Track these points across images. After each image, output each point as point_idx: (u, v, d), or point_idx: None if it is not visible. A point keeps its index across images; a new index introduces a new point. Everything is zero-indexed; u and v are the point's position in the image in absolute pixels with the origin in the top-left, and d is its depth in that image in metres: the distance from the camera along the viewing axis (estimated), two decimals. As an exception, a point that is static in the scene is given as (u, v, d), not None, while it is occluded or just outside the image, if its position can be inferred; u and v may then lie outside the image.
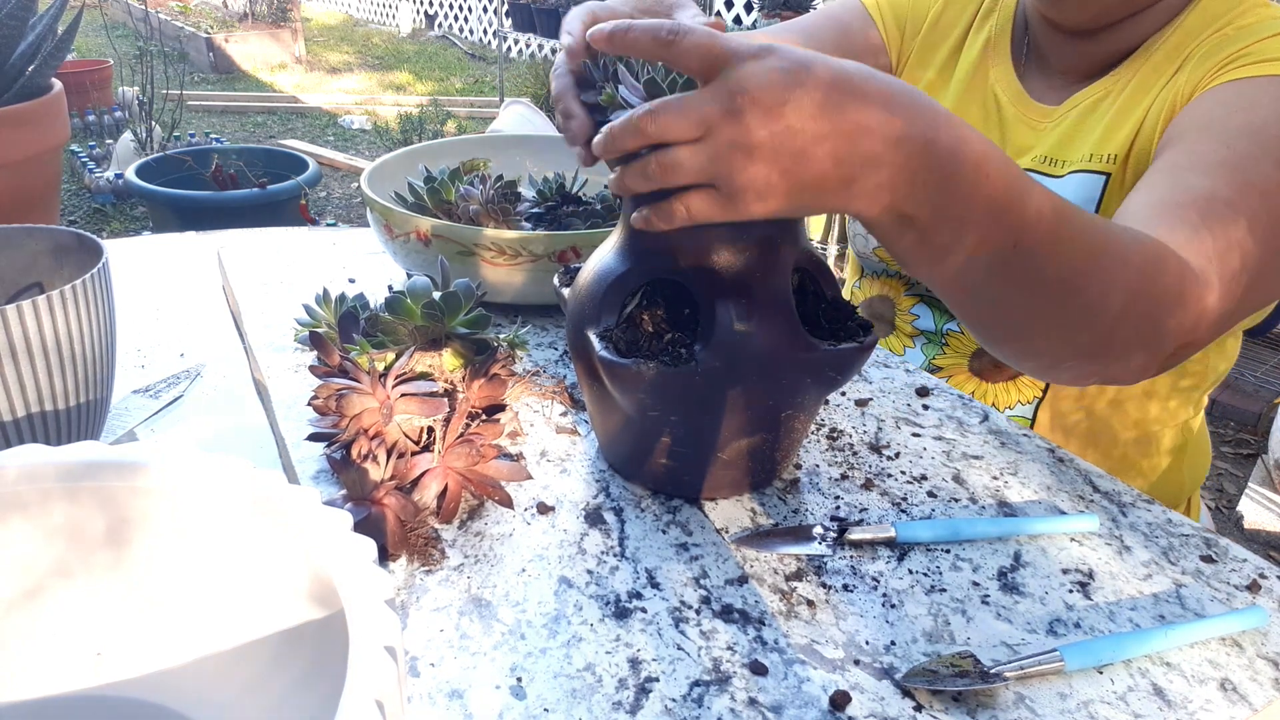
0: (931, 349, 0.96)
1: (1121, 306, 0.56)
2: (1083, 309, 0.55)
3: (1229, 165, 0.64)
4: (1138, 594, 0.57)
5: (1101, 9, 0.80)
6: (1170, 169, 0.66)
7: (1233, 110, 0.68)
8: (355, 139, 5.01)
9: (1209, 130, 0.68)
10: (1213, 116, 0.69)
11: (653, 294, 0.60)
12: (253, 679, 0.40)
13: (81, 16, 2.44)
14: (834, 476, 0.67)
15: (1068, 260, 0.53)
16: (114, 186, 3.66)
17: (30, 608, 0.40)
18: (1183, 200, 0.62)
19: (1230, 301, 0.60)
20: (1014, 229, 0.50)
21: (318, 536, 0.36)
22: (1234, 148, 0.65)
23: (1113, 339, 0.58)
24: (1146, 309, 0.57)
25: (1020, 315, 0.56)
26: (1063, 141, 0.85)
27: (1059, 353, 0.59)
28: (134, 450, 0.39)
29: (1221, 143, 0.66)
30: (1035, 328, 0.57)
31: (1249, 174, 0.63)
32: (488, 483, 0.60)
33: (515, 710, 0.46)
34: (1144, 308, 0.57)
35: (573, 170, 1.02)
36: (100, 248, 0.65)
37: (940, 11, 0.97)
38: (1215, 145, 0.66)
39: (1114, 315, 0.56)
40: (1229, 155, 0.65)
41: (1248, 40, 0.74)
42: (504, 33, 5.78)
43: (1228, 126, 0.67)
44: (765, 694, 0.48)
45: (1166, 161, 0.68)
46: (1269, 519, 2.02)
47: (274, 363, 0.78)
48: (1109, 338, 0.58)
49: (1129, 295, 0.56)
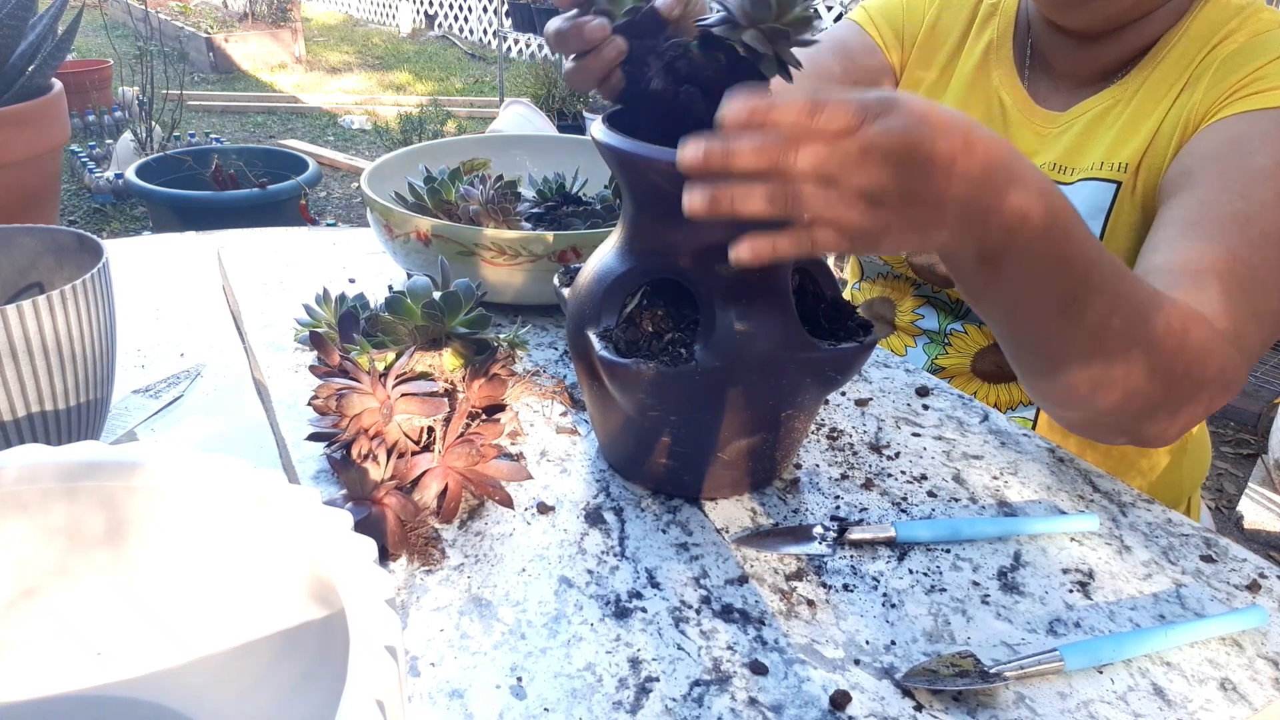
0: (934, 348, 0.96)
1: (1153, 356, 0.59)
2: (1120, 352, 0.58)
3: (1245, 218, 0.66)
4: (1138, 594, 0.57)
5: (1107, 14, 0.80)
6: (1186, 224, 0.68)
7: (1245, 151, 0.70)
8: (355, 139, 5.01)
9: (1223, 175, 0.69)
10: (1225, 156, 0.71)
11: (653, 294, 0.60)
12: (253, 679, 0.40)
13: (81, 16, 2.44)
14: (834, 476, 0.67)
15: (1118, 313, 0.57)
16: (114, 186, 3.66)
17: (30, 607, 0.40)
18: (1203, 266, 0.65)
19: (1253, 359, 0.64)
20: (1081, 280, 0.54)
21: (318, 536, 0.36)
22: (1250, 198, 0.67)
23: (1140, 389, 0.60)
24: (1176, 368, 0.60)
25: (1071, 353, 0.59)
26: (1072, 148, 0.85)
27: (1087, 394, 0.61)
28: (134, 450, 0.39)
29: (1236, 192, 0.67)
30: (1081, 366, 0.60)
31: (1265, 224, 0.66)
32: (488, 483, 0.60)
33: (515, 710, 0.46)
34: (1175, 366, 0.60)
35: (573, 170, 1.02)
36: (100, 248, 0.65)
37: (936, 16, 0.97)
38: (1230, 195, 0.68)
39: (1146, 365, 0.59)
40: (1244, 207, 0.67)
41: (1259, 60, 0.74)
42: (504, 33, 5.78)
43: (1241, 170, 0.69)
44: (765, 694, 0.48)
45: (1182, 213, 0.69)
46: (1269, 519, 2.02)
47: (274, 363, 0.78)
48: (1143, 383, 0.60)
49: (1162, 348, 0.59)
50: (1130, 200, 0.80)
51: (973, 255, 0.51)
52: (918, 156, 0.44)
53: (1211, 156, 0.71)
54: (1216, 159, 0.71)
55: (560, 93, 5.04)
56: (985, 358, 0.93)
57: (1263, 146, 0.69)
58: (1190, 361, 0.60)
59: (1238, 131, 0.71)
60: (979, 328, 0.92)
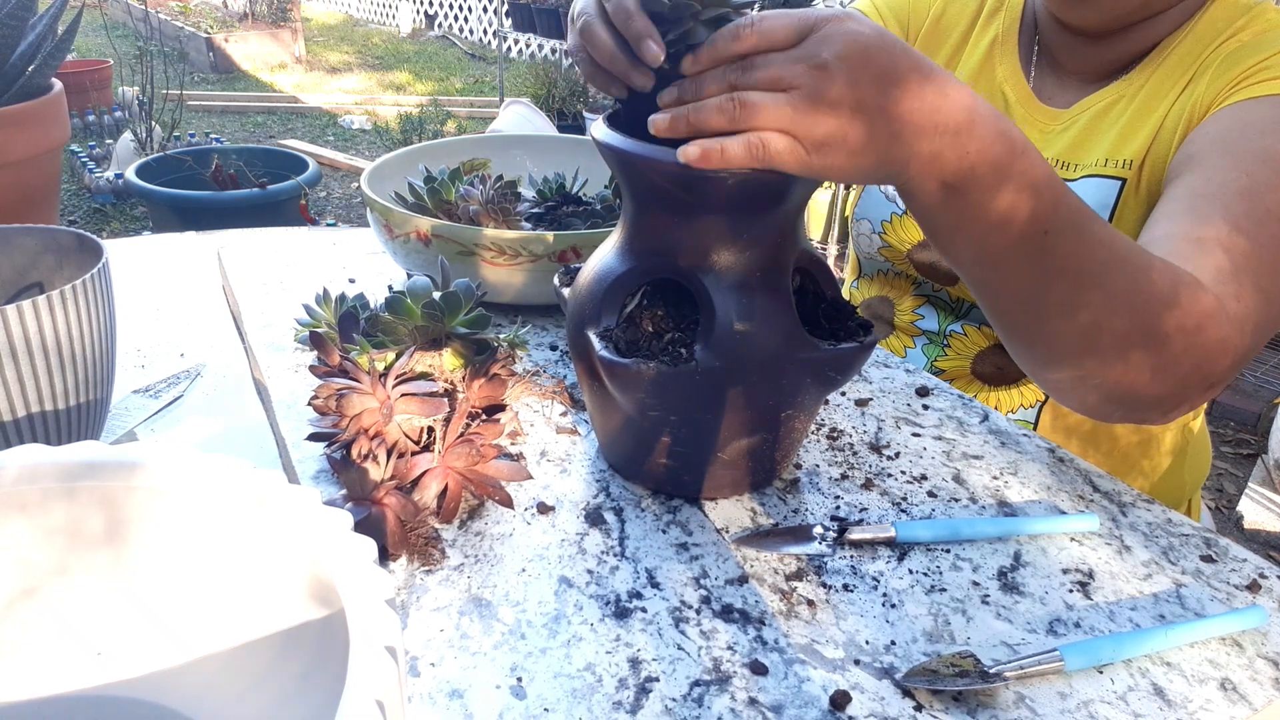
0: (933, 349, 0.96)
1: (1143, 314, 0.57)
2: (1103, 304, 0.57)
3: (1250, 194, 0.65)
4: (1138, 594, 0.57)
5: (1116, 12, 0.80)
6: (1190, 197, 0.67)
7: (1251, 133, 0.69)
8: (355, 139, 5.01)
9: (1228, 154, 0.69)
10: (1231, 138, 0.70)
11: (653, 294, 0.60)
12: (253, 679, 0.40)
13: (81, 16, 2.44)
14: (834, 476, 0.67)
15: (1092, 254, 0.56)
16: (114, 186, 3.66)
17: (30, 607, 0.40)
18: (1205, 235, 0.63)
19: (1254, 336, 0.62)
20: (1048, 214, 0.54)
21: (318, 536, 0.36)
22: (1254, 175, 0.66)
23: (1131, 347, 0.58)
24: (1168, 329, 0.58)
25: (1042, 303, 0.57)
26: (1075, 145, 0.84)
27: (1076, 349, 0.59)
28: (134, 450, 0.39)
29: (1241, 170, 0.67)
30: (1055, 316, 0.58)
31: (1269, 201, 0.65)
32: (488, 483, 0.60)
33: (515, 710, 0.46)
34: (1166, 326, 0.58)
35: (573, 170, 1.02)
36: (100, 248, 0.65)
37: (941, 10, 0.96)
38: (1235, 173, 0.67)
39: (1134, 322, 0.57)
40: (1249, 184, 0.66)
41: (1265, 53, 0.74)
42: (504, 33, 5.78)
43: (1247, 150, 0.68)
44: (765, 694, 0.48)
45: (1186, 188, 0.68)
46: (1269, 519, 2.02)
47: (274, 363, 0.78)
48: (1126, 345, 0.58)
49: (1150, 305, 0.57)
50: (1135, 197, 0.80)
51: (936, 185, 0.52)
52: (871, 67, 0.47)
53: (1216, 139, 0.71)
54: (1222, 141, 0.70)
55: (560, 93, 5.04)
56: (986, 360, 0.92)
57: (1270, 129, 0.69)
58: (1185, 326, 0.58)
59: (1244, 116, 0.71)
60: (979, 329, 0.92)
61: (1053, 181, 0.54)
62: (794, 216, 0.57)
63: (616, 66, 0.55)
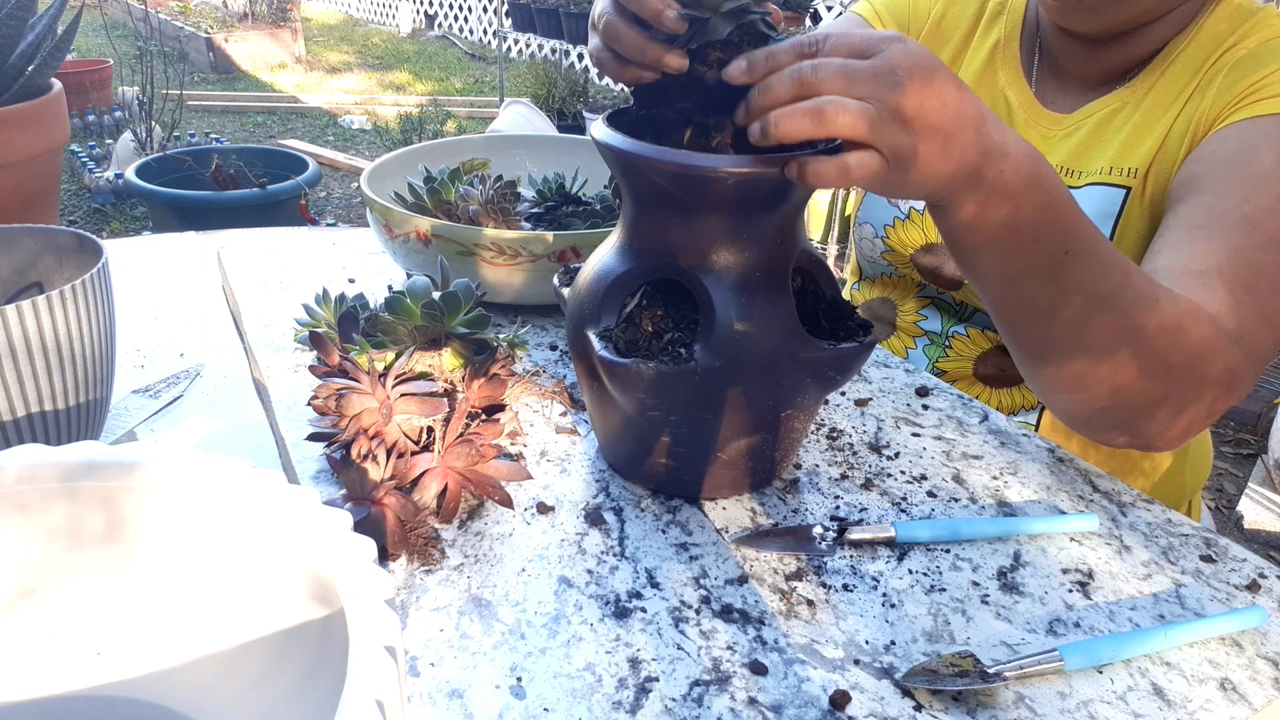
0: (935, 350, 0.96)
1: (1151, 341, 0.59)
2: (1112, 325, 0.58)
3: (1251, 222, 0.66)
4: (1137, 594, 0.57)
5: (1116, 20, 0.80)
6: (1191, 228, 0.68)
7: (1252, 156, 0.70)
8: (355, 139, 5.01)
9: (1230, 178, 0.70)
10: (1234, 161, 0.71)
11: (653, 294, 0.60)
12: (253, 679, 0.40)
13: (81, 16, 2.44)
14: (834, 476, 0.67)
15: (1107, 276, 0.57)
16: (114, 186, 3.66)
17: (30, 607, 0.40)
18: (1208, 266, 0.65)
19: (1261, 363, 0.64)
20: (1070, 234, 0.55)
21: (318, 536, 0.36)
22: (1256, 201, 0.67)
23: (1138, 375, 0.60)
24: (1175, 359, 0.60)
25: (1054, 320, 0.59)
26: (1078, 152, 0.84)
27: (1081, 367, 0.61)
28: (133, 450, 0.39)
29: (1243, 196, 0.68)
30: (1065, 333, 0.60)
31: (1271, 229, 0.66)
32: (488, 483, 0.60)
33: (515, 710, 0.46)
34: (1172, 357, 0.60)
35: (573, 170, 1.02)
36: (100, 248, 0.65)
37: (942, 13, 0.96)
38: (1237, 199, 0.68)
39: (1141, 348, 0.59)
40: (1251, 211, 0.67)
41: (1270, 67, 0.74)
42: (504, 33, 5.78)
43: (1249, 174, 0.69)
44: (765, 694, 0.48)
45: (1188, 218, 0.69)
46: (1269, 519, 2.02)
47: (274, 363, 0.78)
48: (1133, 371, 0.60)
49: (1159, 332, 0.59)
50: (1139, 206, 0.80)
51: (973, 203, 0.53)
52: (935, 87, 0.48)
53: (1219, 162, 0.71)
54: (1224, 164, 0.71)
55: (560, 93, 5.04)
56: (987, 361, 0.92)
57: (1270, 151, 0.69)
58: (1190, 355, 0.60)
59: (1246, 137, 0.71)
60: (982, 331, 0.92)
61: (1071, 202, 0.55)
62: (794, 216, 0.57)
63: (650, 55, 0.54)
